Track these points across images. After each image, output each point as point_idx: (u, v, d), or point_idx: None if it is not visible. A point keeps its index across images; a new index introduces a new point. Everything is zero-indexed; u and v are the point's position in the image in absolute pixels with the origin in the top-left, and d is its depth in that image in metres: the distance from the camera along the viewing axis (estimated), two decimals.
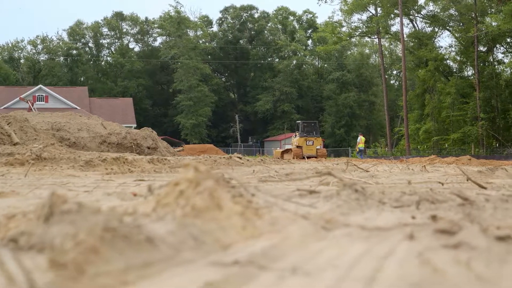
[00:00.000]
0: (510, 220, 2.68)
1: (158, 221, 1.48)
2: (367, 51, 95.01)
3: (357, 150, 42.88)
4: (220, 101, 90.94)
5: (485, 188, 5.30)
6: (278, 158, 32.61)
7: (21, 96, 59.31)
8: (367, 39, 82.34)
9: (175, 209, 1.63)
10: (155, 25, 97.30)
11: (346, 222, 2.16)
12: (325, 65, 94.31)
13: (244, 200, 2.45)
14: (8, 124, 13.15)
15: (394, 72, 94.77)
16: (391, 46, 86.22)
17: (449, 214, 2.55)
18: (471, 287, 1.11)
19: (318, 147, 41.22)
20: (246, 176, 7.91)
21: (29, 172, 7.04)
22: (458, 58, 56.48)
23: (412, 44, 58.19)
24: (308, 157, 35.97)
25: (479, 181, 6.81)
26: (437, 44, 64.57)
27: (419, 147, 53.54)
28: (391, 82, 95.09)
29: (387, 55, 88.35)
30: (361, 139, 42.88)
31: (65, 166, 8.44)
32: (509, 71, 53.13)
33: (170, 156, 20.67)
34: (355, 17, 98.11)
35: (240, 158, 13.23)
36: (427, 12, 58.20)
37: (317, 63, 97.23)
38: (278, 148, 59.45)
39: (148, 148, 23.37)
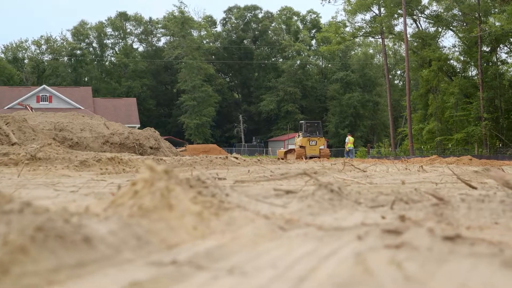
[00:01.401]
0: (482, 220, 2.67)
1: (104, 221, 1.48)
2: (370, 51, 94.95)
3: (347, 150, 43.22)
4: (224, 101, 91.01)
5: (475, 188, 5.28)
6: (281, 158, 32.60)
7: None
8: (370, 39, 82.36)
9: (124, 209, 1.63)
10: (159, 25, 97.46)
11: (311, 222, 2.16)
12: (329, 65, 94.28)
13: (216, 200, 2.45)
14: (6, 124, 13.20)
15: (398, 72, 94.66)
16: (394, 46, 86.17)
17: (420, 214, 2.54)
18: (395, 287, 1.11)
19: (321, 147, 41.16)
20: (240, 176, 7.91)
21: (23, 172, 7.05)
22: (462, 58, 56.32)
23: (415, 44, 58.01)
24: (311, 157, 35.91)
25: (474, 181, 6.79)
26: (441, 44, 64.34)
27: (422, 147, 53.36)
28: (395, 82, 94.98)
29: (391, 55, 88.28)
30: (349, 139, 43.24)
31: (59, 166, 8.45)
32: None
33: (172, 156, 20.69)
34: (359, 17, 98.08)
35: (237, 158, 13.24)
36: (431, 12, 58.03)
37: (321, 63, 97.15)
38: (281, 148, 59.45)
39: (151, 148, 23.37)
